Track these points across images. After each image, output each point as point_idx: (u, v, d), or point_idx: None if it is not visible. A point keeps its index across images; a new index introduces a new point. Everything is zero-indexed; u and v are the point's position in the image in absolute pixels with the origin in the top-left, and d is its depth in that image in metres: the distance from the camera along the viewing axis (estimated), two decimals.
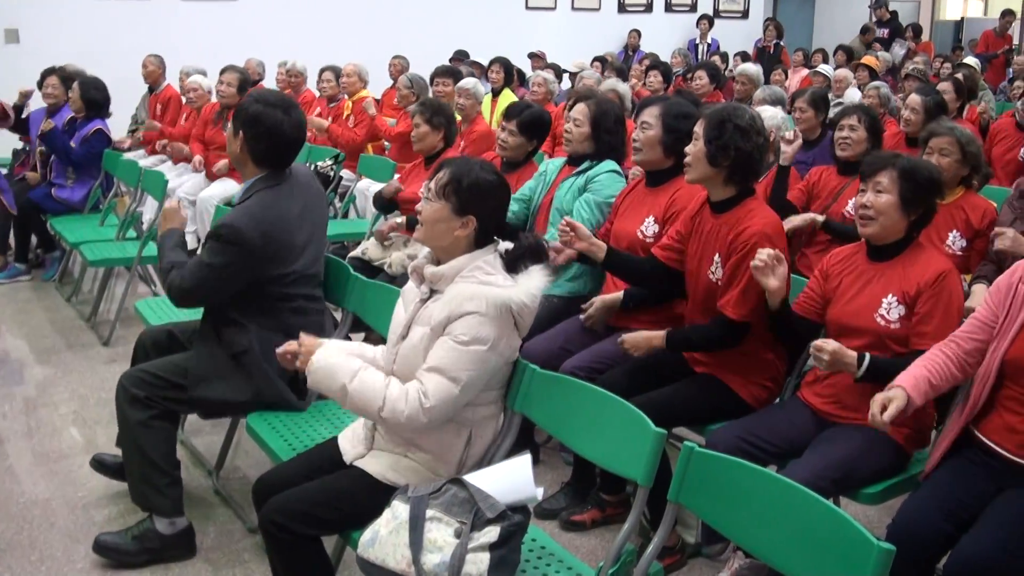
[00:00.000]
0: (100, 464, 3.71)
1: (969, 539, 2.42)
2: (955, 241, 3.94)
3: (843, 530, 1.97)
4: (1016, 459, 2.58)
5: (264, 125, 3.19)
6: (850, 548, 1.94)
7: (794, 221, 4.44)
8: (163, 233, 3.40)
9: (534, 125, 4.54)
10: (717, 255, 3.23)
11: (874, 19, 14.81)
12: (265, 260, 3.15)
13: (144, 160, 7.57)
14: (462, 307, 2.52)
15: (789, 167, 4.62)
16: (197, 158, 7.16)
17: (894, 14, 14.60)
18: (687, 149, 3.24)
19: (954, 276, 2.91)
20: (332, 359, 2.59)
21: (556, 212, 4.07)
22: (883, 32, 14.33)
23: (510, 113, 4.59)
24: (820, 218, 4.48)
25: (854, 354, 2.80)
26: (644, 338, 3.31)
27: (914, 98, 5.50)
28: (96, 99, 6.56)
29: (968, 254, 3.93)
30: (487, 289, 2.54)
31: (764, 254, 2.93)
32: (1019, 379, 2.58)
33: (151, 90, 8.29)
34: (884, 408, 2.52)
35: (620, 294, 3.65)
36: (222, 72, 7.04)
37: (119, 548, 3.25)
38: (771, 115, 4.83)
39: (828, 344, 2.78)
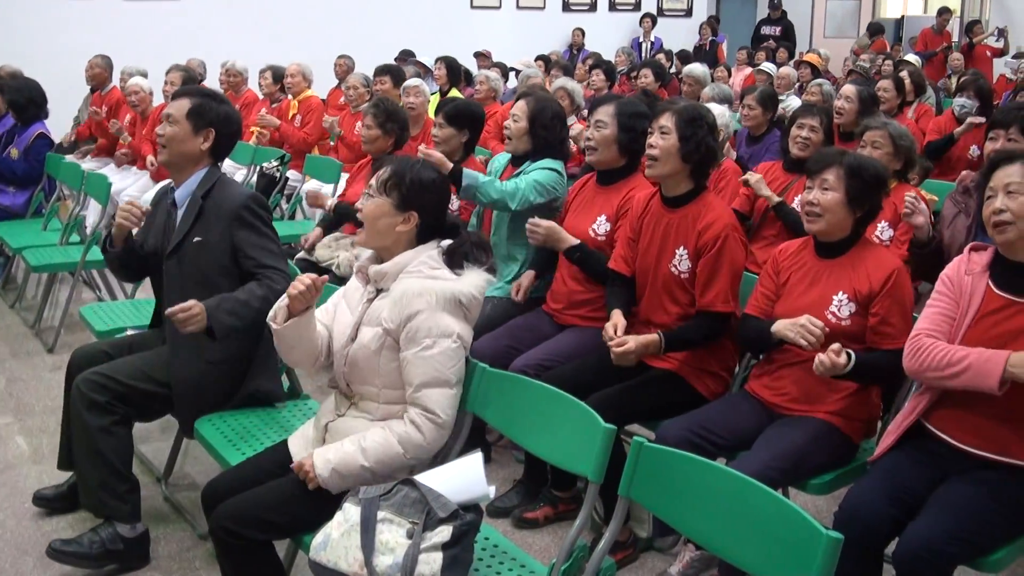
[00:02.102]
0: (43, 500, 3.59)
1: (916, 526, 2.46)
2: (883, 231, 4.04)
3: (792, 520, 2.00)
4: (963, 447, 2.63)
5: (234, 123, 3.34)
6: (799, 537, 1.96)
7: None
8: (210, 326, 3.03)
9: (460, 116, 4.55)
10: (681, 248, 3.27)
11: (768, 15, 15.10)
12: None
13: (87, 163, 7.46)
14: (412, 305, 2.53)
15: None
16: (149, 158, 7.05)
17: (784, 13, 14.88)
18: (654, 142, 3.26)
19: (904, 273, 2.96)
20: (331, 458, 2.53)
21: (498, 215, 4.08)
22: (775, 30, 14.60)
23: (438, 109, 4.66)
24: (775, 199, 4.51)
25: (843, 360, 2.75)
26: (639, 344, 3.16)
27: (848, 88, 5.56)
28: (19, 101, 6.42)
29: (896, 244, 4.00)
30: (434, 283, 2.56)
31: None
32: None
33: (93, 90, 8.17)
34: None
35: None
36: (168, 72, 6.99)
37: (79, 553, 3.15)
38: (720, 113, 4.88)
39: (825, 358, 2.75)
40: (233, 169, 6.95)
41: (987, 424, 2.59)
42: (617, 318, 3.28)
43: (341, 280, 4.52)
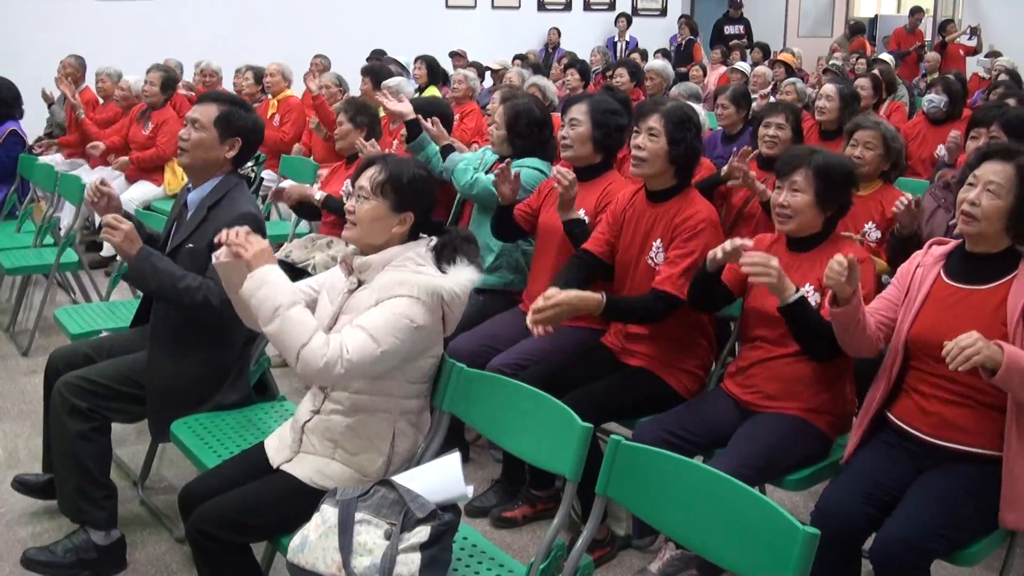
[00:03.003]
0: (23, 485, 3.57)
1: (892, 522, 2.49)
2: (870, 232, 4.04)
3: (769, 517, 2.01)
4: (931, 440, 2.66)
5: (259, 133, 3.35)
6: (776, 534, 1.97)
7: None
8: (135, 256, 3.03)
9: (426, 115, 4.58)
10: (658, 240, 3.28)
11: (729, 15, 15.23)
12: None
13: (61, 164, 7.40)
14: (393, 291, 2.53)
15: None
16: (123, 159, 6.98)
17: (741, 12, 15.04)
18: (642, 143, 3.26)
19: (868, 265, 2.99)
20: (282, 278, 2.50)
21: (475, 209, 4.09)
22: (738, 28, 14.69)
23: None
24: (768, 194, 4.48)
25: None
26: (578, 298, 3.08)
27: (829, 87, 5.61)
28: None
29: (883, 245, 4.02)
30: (419, 276, 2.55)
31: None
32: (923, 357, 2.67)
33: None
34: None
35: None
36: (148, 71, 7.00)
37: (52, 562, 3.13)
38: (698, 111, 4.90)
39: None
40: None
41: (948, 413, 2.63)
42: (550, 291, 3.07)
43: None
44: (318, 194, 4.75)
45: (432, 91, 8.25)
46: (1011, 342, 2.50)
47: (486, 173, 4.23)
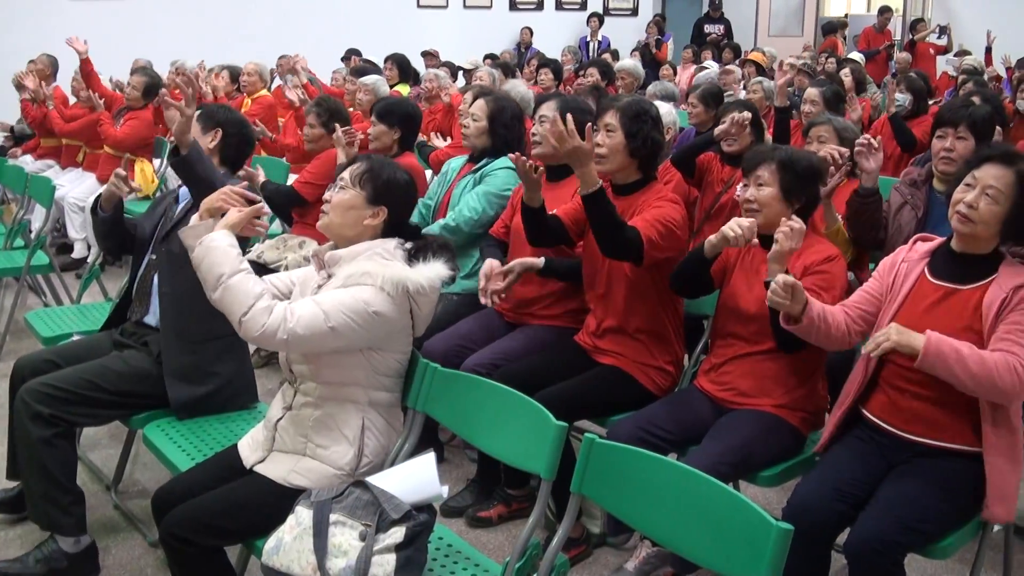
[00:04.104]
0: None
1: (865, 517, 2.51)
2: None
3: (743, 513, 2.02)
4: (904, 435, 2.68)
5: (245, 126, 3.59)
6: (750, 530, 1.99)
7: None
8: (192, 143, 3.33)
9: (391, 113, 4.60)
10: None
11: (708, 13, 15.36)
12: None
13: (31, 166, 7.33)
14: (357, 280, 2.54)
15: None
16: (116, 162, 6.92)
17: (721, 12, 15.15)
18: (600, 140, 3.29)
19: (840, 261, 3.01)
20: (231, 246, 2.53)
21: (453, 205, 4.09)
22: (718, 28, 14.78)
23: (372, 108, 4.72)
24: None
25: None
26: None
27: (812, 91, 5.69)
28: None
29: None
30: (384, 268, 2.56)
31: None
32: (896, 354, 2.68)
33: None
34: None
35: (541, 260, 3.45)
36: (132, 73, 7.04)
37: (23, 573, 3.10)
38: (667, 111, 4.92)
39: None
40: None
41: (923, 410, 2.65)
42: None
43: None
44: (261, 177, 4.74)
45: (403, 88, 8.25)
46: (984, 340, 2.54)
47: (456, 177, 4.23)
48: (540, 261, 3.44)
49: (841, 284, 2.97)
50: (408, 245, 2.67)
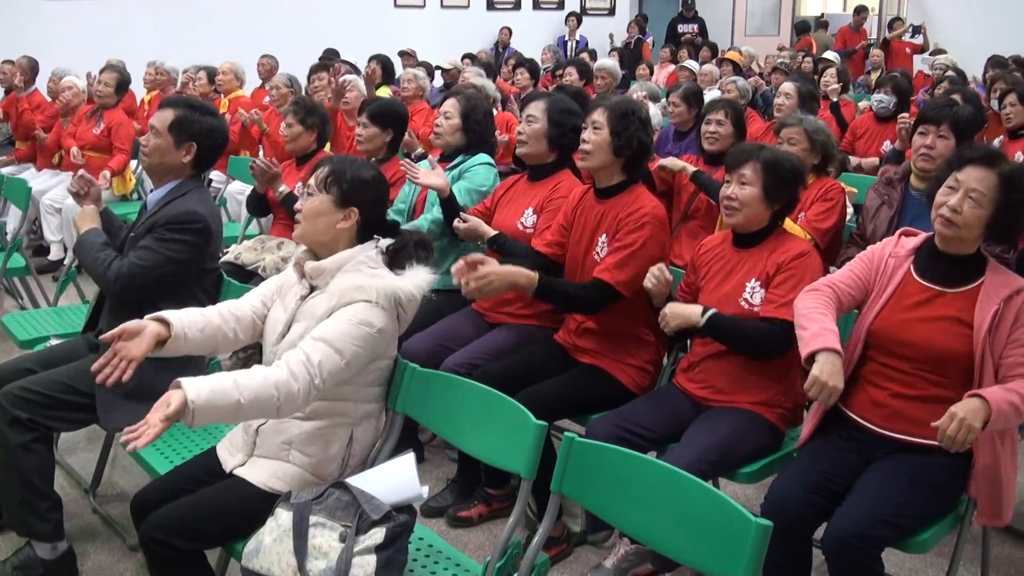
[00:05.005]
0: None
1: (842, 512, 2.52)
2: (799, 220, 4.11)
3: (722, 510, 2.03)
4: (883, 432, 2.69)
5: (218, 135, 3.39)
6: (729, 526, 2.00)
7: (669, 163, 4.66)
8: (86, 231, 3.30)
9: (384, 115, 4.58)
10: (603, 236, 3.30)
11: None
12: (208, 252, 3.27)
13: (6, 168, 7.28)
14: (351, 296, 2.52)
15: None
16: (75, 150, 6.86)
17: (695, 12, 15.22)
18: (587, 137, 3.30)
19: (814, 256, 3.03)
20: (204, 388, 2.30)
21: (430, 206, 4.08)
22: (692, 27, 14.84)
23: (361, 108, 4.68)
24: (691, 168, 4.60)
25: (696, 308, 2.97)
26: (513, 272, 3.12)
27: (787, 85, 5.72)
28: None
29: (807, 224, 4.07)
30: (376, 280, 2.55)
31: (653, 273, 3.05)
32: (883, 350, 2.71)
33: (7, 92, 7.97)
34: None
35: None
36: (101, 71, 6.96)
37: None
38: (654, 112, 4.94)
39: (667, 309, 2.99)
40: None
41: (904, 407, 2.67)
42: (490, 261, 3.12)
43: None
44: (282, 187, 4.68)
45: (384, 90, 8.23)
46: (977, 354, 2.56)
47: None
48: (491, 231, 3.63)
49: (813, 276, 2.97)
50: (386, 244, 2.66)
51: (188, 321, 2.63)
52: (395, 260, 2.64)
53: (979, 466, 2.61)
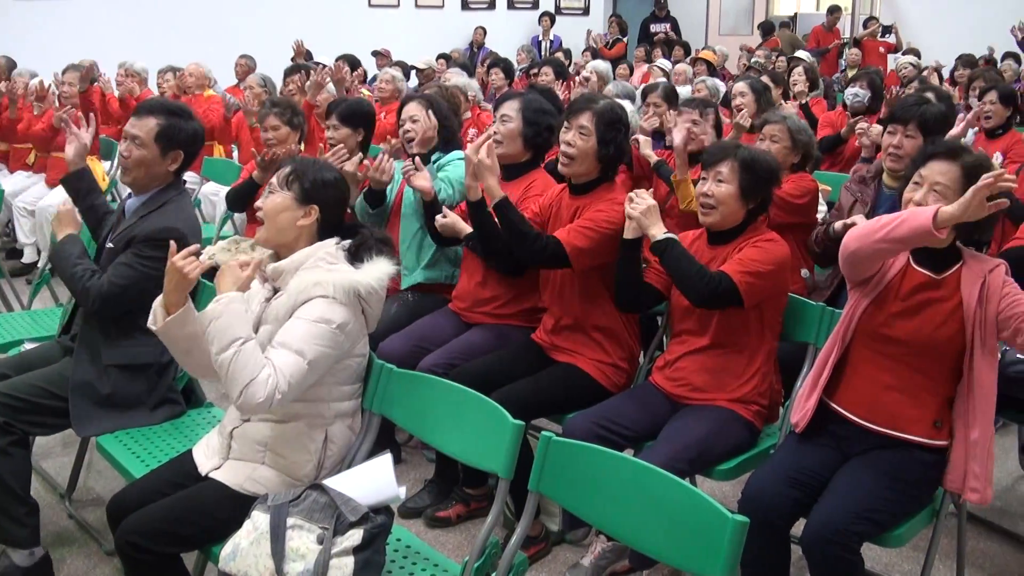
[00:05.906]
0: None
1: (820, 507, 2.54)
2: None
3: (699, 507, 2.04)
4: (864, 424, 2.71)
5: (200, 141, 3.31)
6: (706, 523, 2.01)
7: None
8: (62, 239, 3.25)
9: (354, 115, 4.56)
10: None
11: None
12: None
13: None
14: (309, 292, 2.51)
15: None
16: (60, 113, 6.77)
17: (667, 11, 15.30)
18: (572, 140, 3.29)
19: (781, 244, 3.05)
20: (248, 311, 2.50)
21: (408, 205, 4.06)
22: (664, 27, 14.93)
23: (330, 110, 4.64)
24: (653, 158, 4.67)
25: (662, 227, 3.05)
26: (496, 180, 3.28)
27: (740, 84, 5.77)
28: None
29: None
30: (333, 275, 2.54)
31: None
32: (871, 341, 2.72)
33: None
34: None
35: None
36: (64, 71, 6.88)
37: None
38: (631, 112, 4.95)
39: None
40: None
41: (889, 401, 2.68)
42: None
43: None
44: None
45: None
46: (969, 333, 2.59)
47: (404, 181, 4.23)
48: (468, 228, 3.56)
49: (781, 258, 3.00)
50: (347, 243, 2.66)
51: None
52: (356, 256, 2.64)
53: (970, 443, 2.61)
